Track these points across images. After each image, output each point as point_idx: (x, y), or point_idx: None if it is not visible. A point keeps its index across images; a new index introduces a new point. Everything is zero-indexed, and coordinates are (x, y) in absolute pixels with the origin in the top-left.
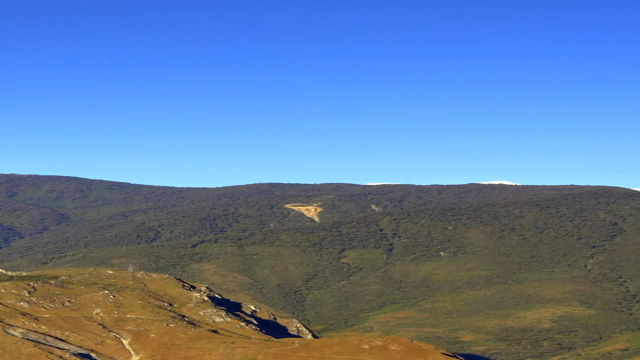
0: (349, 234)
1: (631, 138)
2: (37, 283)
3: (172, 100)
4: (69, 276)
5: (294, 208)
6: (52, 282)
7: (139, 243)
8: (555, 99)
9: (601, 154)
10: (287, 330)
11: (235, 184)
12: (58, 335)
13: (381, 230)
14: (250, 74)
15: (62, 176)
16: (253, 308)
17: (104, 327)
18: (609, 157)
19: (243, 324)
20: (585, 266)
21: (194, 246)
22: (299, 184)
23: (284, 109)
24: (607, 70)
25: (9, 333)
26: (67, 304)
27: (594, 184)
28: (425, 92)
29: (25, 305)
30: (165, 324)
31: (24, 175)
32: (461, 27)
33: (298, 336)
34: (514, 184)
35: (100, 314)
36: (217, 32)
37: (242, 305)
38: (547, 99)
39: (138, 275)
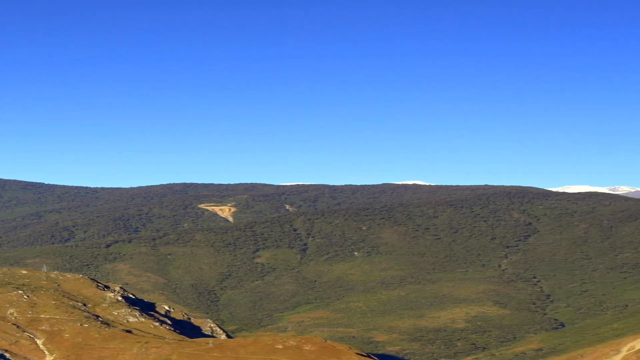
0: (262, 234)
1: (545, 139)
2: None
3: (86, 100)
4: None
5: (208, 208)
6: None
7: (53, 243)
8: (468, 99)
9: (515, 155)
10: (201, 330)
11: (149, 184)
12: None
13: (295, 230)
14: (164, 74)
15: None
16: (167, 308)
17: (18, 327)
18: (523, 158)
19: (157, 324)
20: (499, 266)
21: (107, 246)
22: (212, 184)
23: (197, 109)
24: (518, 70)
25: None
26: None
27: (508, 184)
28: (338, 92)
29: None
30: (79, 324)
31: None
32: (374, 27)
33: (212, 336)
34: (428, 184)
35: (14, 314)
36: (135, 32)
37: (156, 305)
38: (460, 99)
39: (52, 275)
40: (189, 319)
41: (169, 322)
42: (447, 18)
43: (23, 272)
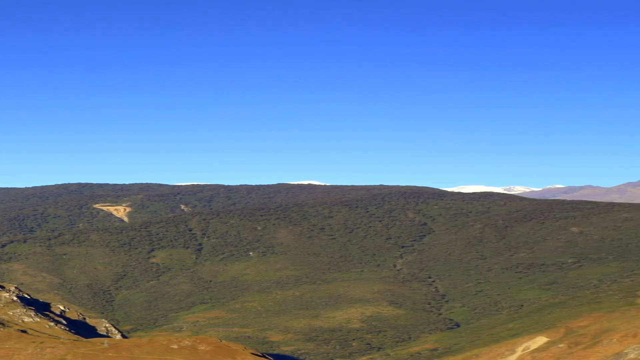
0: (158, 234)
1: (440, 139)
2: None
3: None
4: None
5: (103, 208)
6: None
7: None
8: (361, 99)
9: (410, 155)
10: (96, 330)
11: (44, 184)
12: None
13: (190, 230)
14: (57, 73)
15: None
16: (62, 308)
17: None
18: (418, 158)
19: (52, 324)
20: (395, 266)
21: (3, 246)
22: (108, 184)
23: (92, 109)
24: (414, 70)
25: None
26: None
27: (403, 184)
28: (232, 93)
29: None
30: None
31: None
32: (269, 28)
33: (107, 336)
34: (323, 184)
35: None
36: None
37: (52, 305)
38: (353, 100)
39: None
40: (84, 319)
41: (64, 322)
42: (336, 19)
43: None
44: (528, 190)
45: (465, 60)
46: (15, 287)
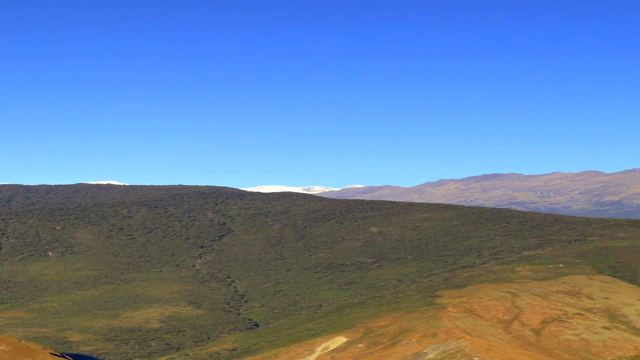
0: None
1: (238, 138)
2: None
3: None
4: None
5: None
6: None
7: None
8: (158, 99)
9: (209, 155)
10: None
11: None
12: None
13: None
14: None
15: None
16: None
17: None
18: (217, 158)
19: None
20: (194, 266)
21: None
22: None
23: None
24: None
25: None
26: None
27: (203, 184)
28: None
29: None
30: None
31: None
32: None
33: None
34: (122, 184)
35: None
36: None
37: None
38: (150, 100)
39: None
40: None
41: None
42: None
43: None
44: (327, 190)
45: (265, 61)
46: None
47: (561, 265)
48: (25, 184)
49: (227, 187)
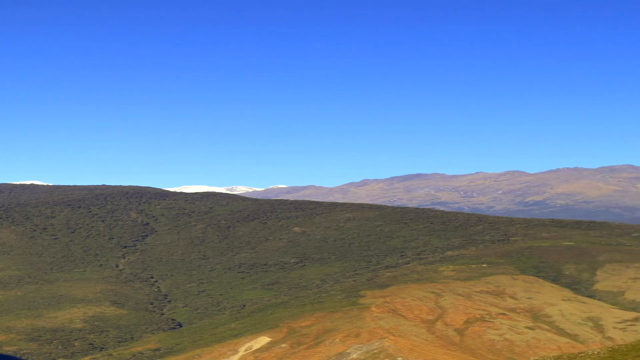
0: None
1: (163, 138)
2: None
3: None
4: None
5: None
6: None
7: None
8: (86, 99)
9: (133, 155)
10: None
11: None
12: None
13: None
14: None
15: None
16: None
17: None
18: (141, 158)
19: None
20: (117, 266)
21: None
22: None
23: None
24: (129, 71)
25: None
26: None
27: (126, 184)
28: None
29: None
30: None
31: None
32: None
33: None
34: (45, 184)
35: None
36: None
37: None
38: (77, 100)
39: None
40: None
41: None
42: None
43: None
44: (251, 190)
45: (184, 59)
46: None
47: (484, 265)
48: None
49: (150, 187)
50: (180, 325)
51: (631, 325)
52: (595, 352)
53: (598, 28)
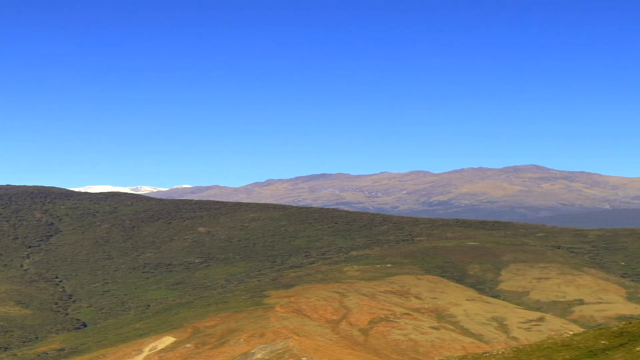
0: None
1: (67, 138)
2: None
3: None
4: None
5: None
6: None
7: None
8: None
9: (37, 154)
10: None
11: None
12: None
13: None
14: None
15: None
16: None
17: None
18: (45, 157)
19: None
20: (22, 266)
21: None
22: None
23: None
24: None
25: None
26: None
27: (30, 184)
28: None
29: None
30: None
31: None
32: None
33: None
34: None
35: None
36: None
37: None
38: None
39: None
40: None
41: None
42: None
43: None
44: (155, 190)
45: (95, 59)
46: None
47: (389, 265)
48: None
49: (55, 187)
50: (85, 325)
51: (535, 325)
52: (500, 352)
53: (503, 27)
